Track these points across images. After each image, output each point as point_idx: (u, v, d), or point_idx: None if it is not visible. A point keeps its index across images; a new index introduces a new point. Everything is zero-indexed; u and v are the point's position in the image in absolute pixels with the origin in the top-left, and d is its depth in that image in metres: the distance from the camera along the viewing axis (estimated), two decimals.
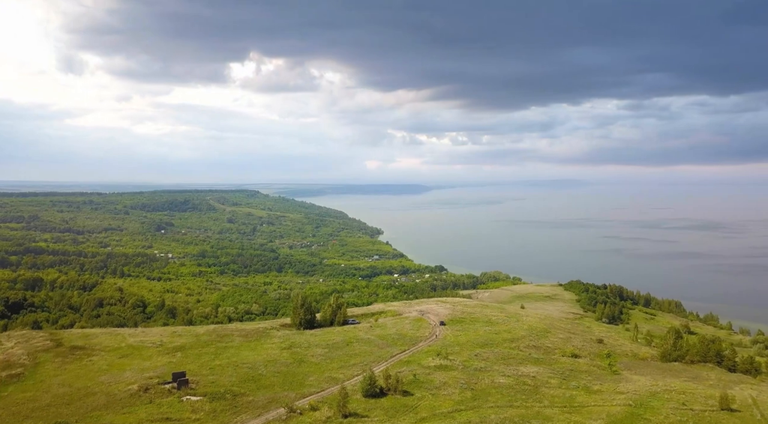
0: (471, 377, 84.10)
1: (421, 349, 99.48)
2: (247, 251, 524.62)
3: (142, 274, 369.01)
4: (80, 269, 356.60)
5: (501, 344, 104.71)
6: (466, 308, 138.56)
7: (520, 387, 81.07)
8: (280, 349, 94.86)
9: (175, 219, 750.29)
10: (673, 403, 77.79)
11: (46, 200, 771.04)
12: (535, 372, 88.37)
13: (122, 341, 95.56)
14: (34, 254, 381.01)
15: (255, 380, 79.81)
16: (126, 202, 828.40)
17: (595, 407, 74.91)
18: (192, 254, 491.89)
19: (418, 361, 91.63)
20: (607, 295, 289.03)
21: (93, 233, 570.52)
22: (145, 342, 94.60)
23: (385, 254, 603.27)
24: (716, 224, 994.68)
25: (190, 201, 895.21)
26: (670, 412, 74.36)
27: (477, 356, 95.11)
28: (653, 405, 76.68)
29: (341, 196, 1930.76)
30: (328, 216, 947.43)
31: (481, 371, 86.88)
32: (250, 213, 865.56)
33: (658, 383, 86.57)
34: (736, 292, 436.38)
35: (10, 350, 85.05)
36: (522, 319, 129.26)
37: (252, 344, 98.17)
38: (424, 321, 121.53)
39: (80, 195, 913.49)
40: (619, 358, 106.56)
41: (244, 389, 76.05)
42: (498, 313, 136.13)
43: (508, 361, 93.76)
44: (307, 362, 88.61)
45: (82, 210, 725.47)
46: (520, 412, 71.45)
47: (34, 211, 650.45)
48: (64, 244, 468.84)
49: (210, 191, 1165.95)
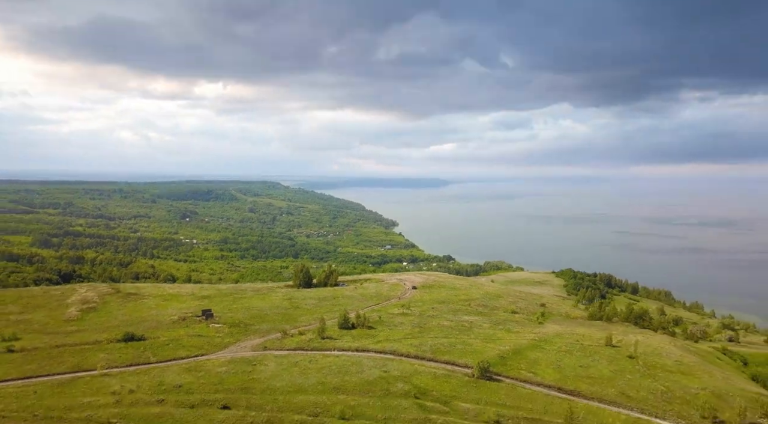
0: (423, 320, 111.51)
1: (392, 303, 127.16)
2: (266, 238, 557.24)
3: (169, 256, 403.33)
4: (114, 250, 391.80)
5: (456, 302, 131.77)
6: (438, 278, 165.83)
7: (458, 328, 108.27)
8: (281, 299, 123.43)
9: (198, 208, 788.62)
10: (570, 340, 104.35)
11: (79, 188, 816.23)
12: (474, 320, 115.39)
13: (164, 291, 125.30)
14: (73, 236, 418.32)
15: (261, 317, 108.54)
16: (153, 192, 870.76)
17: (508, 340, 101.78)
18: (215, 240, 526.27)
19: (386, 310, 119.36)
20: (593, 282, 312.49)
21: (123, 220, 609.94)
22: (180, 292, 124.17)
23: (397, 244, 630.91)
24: (728, 221, 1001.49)
25: (213, 191, 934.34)
26: (563, 345, 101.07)
27: (433, 309, 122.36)
28: (553, 340, 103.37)
29: (361, 189, 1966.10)
30: (345, 208, 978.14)
31: (432, 317, 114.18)
32: (270, 203, 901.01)
33: (567, 330, 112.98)
34: (731, 285, 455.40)
35: (84, 294, 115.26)
36: (482, 287, 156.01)
37: (261, 296, 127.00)
38: (399, 285, 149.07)
39: (110, 184, 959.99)
40: (551, 316, 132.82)
41: (253, 322, 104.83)
42: (464, 282, 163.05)
43: (456, 312, 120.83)
44: (301, 308, 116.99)
45: (113, 198, 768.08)
46: (451, 341, 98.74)
47: (68, 198, 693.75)
48: (98, 228, 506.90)
49: (232, 182, 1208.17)
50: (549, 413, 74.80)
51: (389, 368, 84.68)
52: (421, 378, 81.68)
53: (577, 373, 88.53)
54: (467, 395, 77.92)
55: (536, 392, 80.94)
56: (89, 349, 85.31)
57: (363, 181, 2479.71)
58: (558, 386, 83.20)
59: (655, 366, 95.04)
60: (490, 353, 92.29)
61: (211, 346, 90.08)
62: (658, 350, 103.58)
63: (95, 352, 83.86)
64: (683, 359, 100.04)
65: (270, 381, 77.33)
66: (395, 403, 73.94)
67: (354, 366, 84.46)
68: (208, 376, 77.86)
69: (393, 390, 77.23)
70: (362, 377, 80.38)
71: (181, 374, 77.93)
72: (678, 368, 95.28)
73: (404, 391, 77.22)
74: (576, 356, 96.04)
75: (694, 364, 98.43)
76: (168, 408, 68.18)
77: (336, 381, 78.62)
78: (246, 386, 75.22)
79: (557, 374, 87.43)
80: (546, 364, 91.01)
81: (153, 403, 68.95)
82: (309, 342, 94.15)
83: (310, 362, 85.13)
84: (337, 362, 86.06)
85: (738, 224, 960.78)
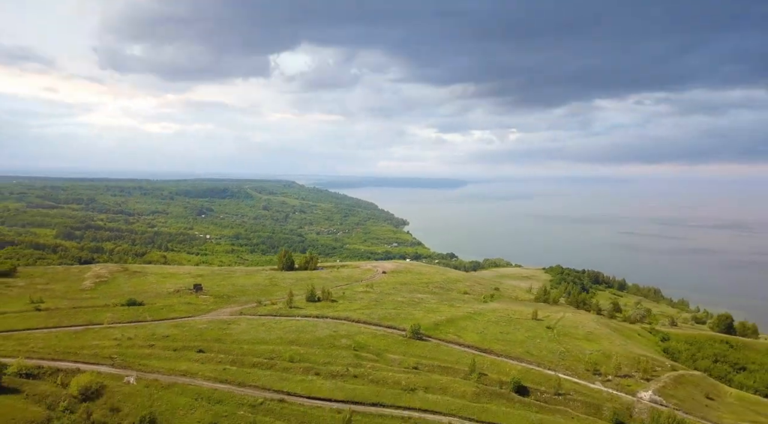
0: (380, 297, 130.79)
1: (359, 283, 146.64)
2: (276, 234, 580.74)
3: (182, 249, 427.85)
4: (131, 242, 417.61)
5: (416, 284, 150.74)
6: (409, 266, 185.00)
7: (408, 303, 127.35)
8: (264, 279, 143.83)
9: (214, 205, 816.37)
10: (502, 314, 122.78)
11: (102, 185, 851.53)
12: (425, 297, 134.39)
13: (165, 270, 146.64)
14: (93, 229, 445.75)
15: (243, 291, 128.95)
16: (171, 189, 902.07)
17: (447, 313, 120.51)
18: (227, 235, 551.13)
19: (352, 288, 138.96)
20: (579, 277, 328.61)
21: (142, 215, 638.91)
22: (178, 272, 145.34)
23: (403, 242, 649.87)
24: (740, 223, 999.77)
25: (229, 189, 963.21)
26: (494, 317, 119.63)
27: (393, 289, 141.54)
28: (486, 314, 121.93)
29: (378, 189, 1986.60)
30: (357, 206, 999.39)
31: (389, 295, 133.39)
32: (284, 202, 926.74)
33: (505, 307, 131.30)
34: (727, 284, 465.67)
35: (98, 271, 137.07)
36: (446, 273, 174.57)
37: (247, 276, 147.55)
38: (371, 271, 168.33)
39: (131, 181, 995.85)
40: (500, 297, 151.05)
41: (236, 295, 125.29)
42: (431, 269, 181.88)
43: (412, 292, 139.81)
44: (279, 285, 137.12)
45: (133, 195, 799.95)
46: (398, 312, 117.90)
47: (91, 194, 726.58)
48: (118, 223, 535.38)
49: (248, 181, 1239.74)
50: (459, 363, 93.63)
51: (339, 329, 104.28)
52: (363, 337, 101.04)
53: (496, 337, 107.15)
54: (397, 350, 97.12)
55: (455, 350, 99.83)
56: (99, 310, 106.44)
57: (382, 181, 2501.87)
58: (476, 346, 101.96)
59: (567, 334, 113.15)
60: (426, 321, 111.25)
61: (197, 311, 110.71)
62: (576, 324, 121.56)
63: (103, 312, 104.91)
64: (594, 331, 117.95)
65: (239, 335, 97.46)
66: (336, 353, 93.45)
67: (310, 327, 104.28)
68: (190, 330, 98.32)
69: (337, 344, 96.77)
70: (315, 335, 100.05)
71: (169, 329, 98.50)
72: (585, 336, 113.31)
73: (346, 345, 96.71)
74: (500, 325, 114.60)
75: (602, 334, 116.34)
76: (156, 350, 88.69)
77: (292, 337, 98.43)
78: (219, 338, 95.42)
79: (478, 337, 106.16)
80: (472, 330, 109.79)
81: (145, 346, 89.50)
82: (278, 310, 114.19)
83: (275, 324, 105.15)
84: (297, 324, 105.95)
85: (749, 226, 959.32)
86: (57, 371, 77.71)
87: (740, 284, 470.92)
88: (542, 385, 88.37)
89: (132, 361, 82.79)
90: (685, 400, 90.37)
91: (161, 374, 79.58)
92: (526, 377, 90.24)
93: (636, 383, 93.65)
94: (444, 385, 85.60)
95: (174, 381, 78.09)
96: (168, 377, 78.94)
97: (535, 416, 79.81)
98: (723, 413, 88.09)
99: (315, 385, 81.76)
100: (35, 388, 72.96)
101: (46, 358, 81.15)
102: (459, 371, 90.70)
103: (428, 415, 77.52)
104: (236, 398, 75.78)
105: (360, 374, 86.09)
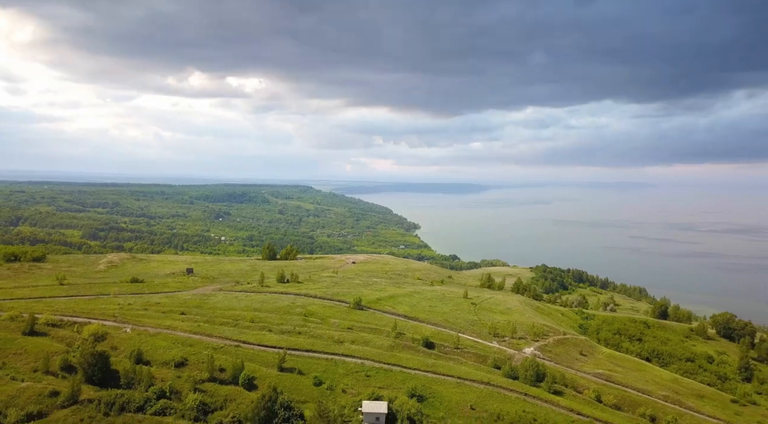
0: (341, 280, 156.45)
1: (329, 271, 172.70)
2: (288, 236, 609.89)
3: (197, 249, 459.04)
4: (150, 243, 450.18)
5: (378, 272, 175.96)
6: (379, 258, 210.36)
7: (363, 284, 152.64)
8: (247, 266, 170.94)
9: (232, 209, 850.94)
10: (438, 294, 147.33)
11: (125, 190, 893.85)
12: (380, 281, 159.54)
13: (166, 258, 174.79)
14: (117, 231, 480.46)
15: (227, 274, 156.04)
16: (192, 194, 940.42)
17: (391, 291, 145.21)
18: (242, 237, 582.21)
19: (320, 273, 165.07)
20: (561, 275, 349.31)
21: (163, 218, 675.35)
22: (177, 260, 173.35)
23: (411, 244, 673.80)
24: (751, 227, 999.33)
25: (247, 194, 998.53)
26: (430, 295, 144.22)
27: (355, 274, 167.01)
28: (425, 293, 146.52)
29: (399, 194, 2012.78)
30: (370, 211, 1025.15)
31: (349, 279, 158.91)
32: (299, 206, 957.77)
33: (446, 289, 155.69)
34: (727, 285, 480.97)
35: (111, 258, 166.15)
36: (408, 264, 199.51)
37: (233, 264, 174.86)
38: (342, 261, 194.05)
39: (153, 186, 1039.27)
40: (450, 283, 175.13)
41: (220, 277, 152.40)
42: (396, 261, 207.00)
43: (371, 277, 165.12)
44: (258, 270, 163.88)
45: (155, 199, 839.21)
46: (350, 290, 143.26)
47: (116, 199, 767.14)
48: (139, 225, 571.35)
49: (266, 185, 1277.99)
50: (386, 326, 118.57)
51: (296, 301, 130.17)
52: (314, 307, 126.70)
53: (425, 309, 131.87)
54: (339, 316, 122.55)
55: (387, 317, 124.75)
56: (108, 285, 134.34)
57: (399, 186, 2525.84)
58: (405, 315, 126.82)
59: (488, 309, 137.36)
60: (371, 297, 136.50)
61: (186, 287, 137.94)
62: (499, 303, 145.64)
63: (111, 286, 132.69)
64: (513, 308, 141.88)
65: (215, 304, 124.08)
66: (289, 318, 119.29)
67: (273, 299, 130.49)
68: (177, 300, 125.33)
69: (291, 312, 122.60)
70: (275, 305, 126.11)
71: (161, 299, 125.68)
72: (502, 311, 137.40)
73: (299, 312, 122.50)
74: (433, 301, 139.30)
75: (518, 310, 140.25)
76: (149, 312, 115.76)
77: (257, 306, 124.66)
78: (199, 305, 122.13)
79: (409, 309, 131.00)
80: (406, 304, 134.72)
81: (140, 310, 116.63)
82: (251, 288, 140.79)
83: (245, 297, 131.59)
84: (263, 297, 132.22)
85: (763, 230, 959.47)
86: (74, 323, 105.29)
87: (741, 285, 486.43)
88: (447, 342, 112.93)
89: (129, 318, 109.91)
90: (560, 354, 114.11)
91: (150, 327, 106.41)
92: (436, 336, 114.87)
93: (526, 343, 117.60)
94: (368, 340, 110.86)
95: (159, 332, 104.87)
96: (155, 330, 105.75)
97: (433, 361, 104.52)
98: (586, 364, 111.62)
99: (266, 337, 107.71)
100: (58, 332, 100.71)
101: (66, 314, 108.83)
102: (383, 331, 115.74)
103: (348, 358, 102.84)
104: (204, 343, 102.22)
105: (304, 332, 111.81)
